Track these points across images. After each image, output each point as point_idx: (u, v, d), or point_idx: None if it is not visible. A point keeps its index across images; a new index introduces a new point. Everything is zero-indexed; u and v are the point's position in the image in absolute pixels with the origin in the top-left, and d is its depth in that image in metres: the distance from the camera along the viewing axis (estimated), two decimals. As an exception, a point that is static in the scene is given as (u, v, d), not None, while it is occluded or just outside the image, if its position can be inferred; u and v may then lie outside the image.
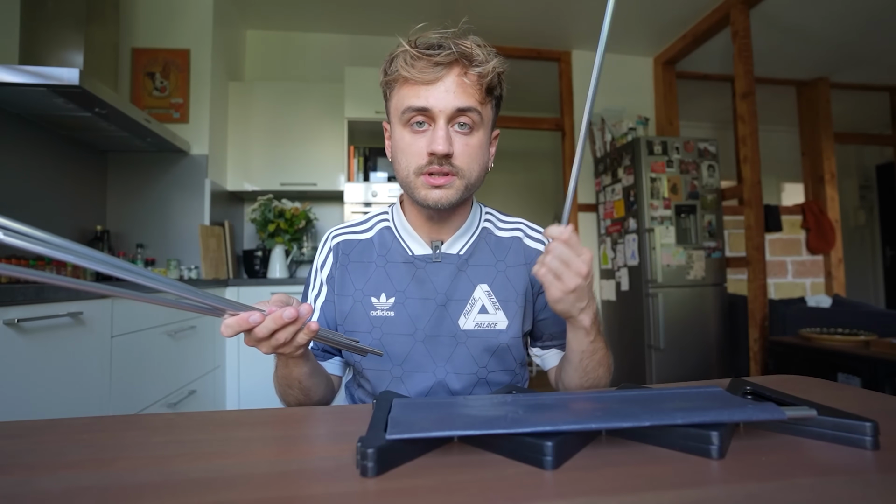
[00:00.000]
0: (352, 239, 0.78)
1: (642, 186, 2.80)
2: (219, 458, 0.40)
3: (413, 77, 0.64)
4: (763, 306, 2.61)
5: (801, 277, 3.67)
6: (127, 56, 2.44)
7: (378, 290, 0.74)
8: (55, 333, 1.22)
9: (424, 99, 0.64)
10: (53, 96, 1.66)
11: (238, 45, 3.03)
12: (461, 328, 0.72)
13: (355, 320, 0.73)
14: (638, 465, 0.36)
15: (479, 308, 0.73)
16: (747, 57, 2.67)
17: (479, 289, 0.74)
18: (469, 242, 0.76)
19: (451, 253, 0.74)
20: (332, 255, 0.78)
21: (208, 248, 2.47)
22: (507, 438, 0.37)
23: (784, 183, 5.09)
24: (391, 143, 0.72)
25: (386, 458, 0.35)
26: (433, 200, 0.67)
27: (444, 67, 0.63)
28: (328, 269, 0.78)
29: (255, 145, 2.79)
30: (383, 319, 0.72)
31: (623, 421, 0.38)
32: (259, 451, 0.41)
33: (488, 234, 0.78)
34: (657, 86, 3.60)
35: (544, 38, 3.36)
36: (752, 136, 2.64)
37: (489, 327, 0.73)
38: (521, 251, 0.77)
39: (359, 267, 0.76)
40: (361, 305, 0.73)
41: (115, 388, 1.46)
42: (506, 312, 0.74)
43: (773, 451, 0.38)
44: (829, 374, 1.93)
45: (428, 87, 0.64)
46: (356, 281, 0.75)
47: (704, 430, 0.37)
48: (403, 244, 0.76)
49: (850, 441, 0.38)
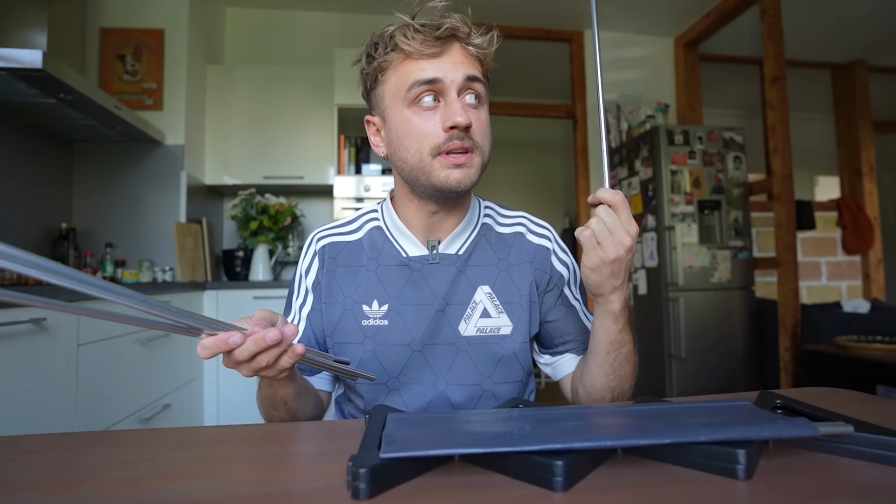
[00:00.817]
0: (339, 241, 0.78)
1: (662, 180, 2.80)
2: (196, 479, 0.40)
3: (417, 50, 0.65)
4: (794, 312, 2.61)
5: (837, 280, 3.67)
6: (95, 37, 2.44)
7: (370, 296, 0.73)
8: (16, 341, 1.22)
9: (433, 71, 0.65)
10: (14, 80, 1.66)
11: (217, 25, 3.04)
12: (461, 334, 0.72)
13: (346, 330, 0.73)
14: (657, 487, 0.36)
15: (481, 312, 0.73)
16: (777, 37, 2.67)
17: (479, 291, 0.74)
18: (468, 241, 0.76)
19: (449, 253, 0.74)
20: (317, 260, 0.78)
21: (184, 247, 2.47)
22: (514, 457, 0.37)
23: (818, 176, 5.09)
24: (388, 133, 0.71)
25: (380, 478, 0.35)
26: (455, 181, 0.66)
27: (444, 41, 0.66)
28: (314, 275, 0.77)
29: (235, 135, 2.80)
30: (376, 329, 0.72)
31: (640, 438, 0.38)
32: (240, 470, 0.41)
33: (489, 230, 0.78)
34: (678, 69, 3.60)
35: (554, 16, 3.36)
36: (783, 124, 2.64)
37: (492, 332, 0.73)
38: (525, 248, 0.78)
39: (347, 272, 0.75)
40: (352, 314, 0.73)
41: (81, 401, 1.46)
42: (510, 316, 0.74)
43: (806, 472, 0.38)
44: (868, 387, 1.93)
45: (432, 59, 0.66)
46: (345, 287, 0.75)
47: (730, 448, 0.36)
48: (396, 245, 0.75)
49: (890, 460, 0.38)
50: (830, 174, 4.58)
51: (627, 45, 3.59)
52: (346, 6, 3.19)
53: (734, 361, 2.77)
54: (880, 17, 3.28)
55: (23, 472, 0.41)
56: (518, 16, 3.33)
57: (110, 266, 2.30)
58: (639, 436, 0.38)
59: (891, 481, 0.36)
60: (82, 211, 2.41)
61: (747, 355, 2.80)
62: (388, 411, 0.48)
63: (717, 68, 3.87)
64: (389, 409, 0.49)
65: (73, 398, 1.43)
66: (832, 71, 3.94)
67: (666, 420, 0.42)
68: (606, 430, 0.40)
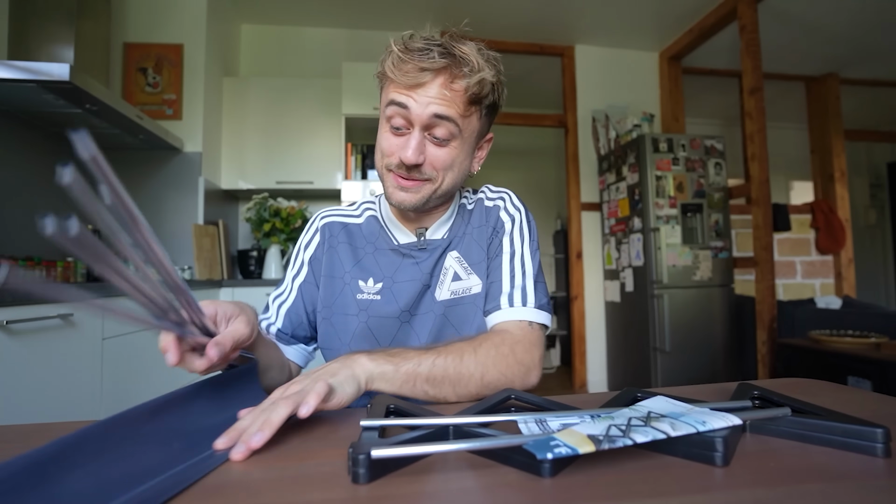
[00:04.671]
0: (342, 221, 0.81)
1: (647, 185, 2.80)
2: (211, 464, 0.40)
3: (397, 80, 0.64)
4: (771, 308, 2.60)
5: (811, 278, 3.67)
6: (119, 51, 2.44)
7: (366, 274, 0.76)
8: (45, 336, 1.22)
9: (405, 98, 0.64)
10: (43, 92, 1.66)
11: (233, 40, 3.03)
12: (437, 300, 0.74)
13: (344, 303, 0.75)
14: (640, 472, 0.36)
15: (452, 276, 0.75)
16: (755, 52, 2.67)
17: (448, 257, 0.76)
18: (451, 226, 0.78)
19: (435, 238, 0.77)
20: (318, 236, 0.80)
21: (202, 248, 2.47)
22: (528, 455, 0.37)
23: (793, 181, 5.09)
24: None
25: (378, 464, 0.35)
26: (397, 200, 0.69)
27: (430, 73, 0.63)
28: (312, 250, 0.79)
29: (250, 143, 2.80)
30: (369, 302, 0.74)
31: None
32: (253, 456, 0.41)
33: (462, 209, 0.80)
34: (662, 81, 3.60)
35: (547, 32, 3.36)
36: (760, 133, 2.64)
37: (464, 293, 0.74)
38: (483, 213, 0.79)
39: (348, 249, 0.78)
40: (350, 288, 0.75)
41: (106, 391, 1.46)
42: (478, 275, 0.75)
43: (781, 458, 0.38)
44: (839, 378, 1.93)
45: (410, 90, 0.64)
46: (345, 262, 0.77)
47: (708, 436, 0.36)
48: (389, 233, 0.78)
49: (859, 448, 0.38)
50: (805, 179, 4.57)
51: (615, 59, 3.59)
52: (353, 23, 3.19)
53: (715, 354, 2.77)
54: (851, 34, 3.28)
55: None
56: (513, 32, 3.32)
57: (133, 265, 2.30)
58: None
59: (860, 467, 0.36)
60: (107, 214, 2.41)
61: (727, 348, 2.80)
62: (389, 401, 0.49)
63: (699, 80, 3.87)
64: (390, 399, 0.49)
65: (98, 389, 1.43)
66: (806, 83, 3.94)
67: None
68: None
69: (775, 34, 3.15)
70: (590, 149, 3.51)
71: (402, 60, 0.63)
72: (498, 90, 0.69)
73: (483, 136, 0.74)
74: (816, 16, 3.06)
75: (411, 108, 0.64)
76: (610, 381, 3.38)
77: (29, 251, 1.86)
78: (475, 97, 0.65)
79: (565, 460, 0.36)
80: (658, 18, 3.19)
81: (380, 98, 0.72)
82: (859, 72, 3.83)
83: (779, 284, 3.53)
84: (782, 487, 0.33)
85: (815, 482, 0.33)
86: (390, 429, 0.45)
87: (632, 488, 0.33)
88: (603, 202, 3.39)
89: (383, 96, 0.69)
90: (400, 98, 0.64)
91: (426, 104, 0.64)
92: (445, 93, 0.64)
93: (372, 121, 2.82)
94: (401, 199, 0.69)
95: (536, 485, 0.34)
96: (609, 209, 3.29)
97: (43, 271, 1.79)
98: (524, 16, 3.12)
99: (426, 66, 0.62)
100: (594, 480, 0.34)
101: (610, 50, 3.58)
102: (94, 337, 1.41)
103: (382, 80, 0.68)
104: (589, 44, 3.54)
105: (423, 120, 0.64)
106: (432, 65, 0.62)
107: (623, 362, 3.19)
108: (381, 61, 0.67)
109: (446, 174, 0.68)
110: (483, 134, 0.73)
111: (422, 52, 0.62)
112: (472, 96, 0.65)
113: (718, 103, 4.35)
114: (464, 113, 0.65)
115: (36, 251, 1.89)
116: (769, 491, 0.32)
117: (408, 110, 0.64)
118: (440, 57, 0.62)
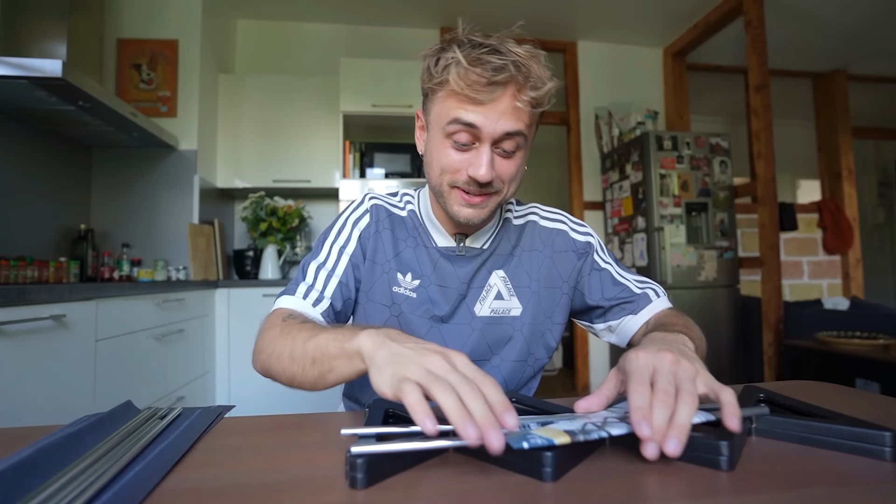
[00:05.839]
0: (387, 208, 0.78)
1: (651, 183, 2.80)
2: (209, 468, 0.40)
3: (464, 92, 0.60)
4: (777, 308, 2.60)
5: (818, 278, 3.67)
6: (112, 47, 2.44)
7: (405, 267, 0.75)
8: (37, 337, 1.22)
9: (474, 115, 0.61)
10: (35, 89, 1.66)
11: (228, 36, 3.03)
12: (476, 315, 0.74)
13: (382, 291, 0.74)
14: (644, 475, 0.36)
15: (495, 294, 0.75)
16: (761, 48, 2.67)
17: (494, 275, 0.76)
18: (493, 236, 0.77)
19: (475, 246, 0.76)
20: (369, 216, 0.77)
21: (197, 247, 2.47)
22: (505, 449, 0.37)
23: (799, 180, 5.09)
24: (426, 140, 0.70)
25: (376, 468, 0.35)
26: (465, 217, 0.67)
27: (500, 87, 0.60)
28: (362, 227, 0.76)
29: (246, 140, 2.80)
30: (404, 297, 0.74)
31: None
32: (251, 460, 0.41)
33: (508, 223, 0.80)
34: (667, 78, 3.60)
35: (549, 27, 3.36)
36: (766, 130, 2.64)
37: (503, 313, 0.75)
38: (536, 234, 0.79)
39: (391, 237, 0.76)
40: (388, 277, 0.74)
41: (99, 393, 1.46)
42: (520, 298, 0.76)
43: (787, 461, 0.38)
44: (847, 380, 1.93)
45: (478, 106, 0.61)
46: (388, 251, 0.75)
47: (713, 440, 0.37)
48: (429, 233, 0.77)
49: (867, 451, 0.38)
50: (811, 178, 4.57)
51: (618, 55, 3.59)
52: (352, 18, 3.19)
53: (720, 356, 2.77)
54: (859, 29, 3.28)
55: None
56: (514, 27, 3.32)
57: (127, 265, 2.30)
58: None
59: (868, 471, 0.36)
60: (100, 213, 2.41)
61: (732, 350, 2.79)
62: (387, 405, 0.48)
63: (703, 77, 3.87)
64: (388, 404, 0.48)
65: (91, 391, 1.43)
66: (813, 80, 3.94)
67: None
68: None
69: (782, 29, 3.15)
70: (592, 147, 3.51)
71: (468, 71, 0.59)
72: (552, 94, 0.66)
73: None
74: (823, 10, 3.06)
75: (482, 127, 0.61)
76: (613, 383, 3.37)
77: (21, 251, 1.86)
78: (539, 107, 0.63)
79: (567, 464, 0.36)
80: (662, 14, 3.19)
81: (426, 104, 0.69)
82: (867, 68, 3.82)
83: (785, 285, 3.53)
84: (788, 492, 0.33)
85: (821, 486, 0.33)
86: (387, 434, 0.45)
87: (636, 492, 0.33)
88: (606, 201, 3.39)
89: (439, 108, 0.64)
90: (468, 117, 0.61)
91: (496, 120, 0.61)
92: (517, 105, 0.61)
93: (370, 118, 2.82)
94: (469, 215, 0.67)
95: (538, 489, 0.34)
96: (612, 208, 3.29)
97: (35, 271, 1.79)
98: (525, 10, 3.11)
99: (497, 80, 0.59)
100: (597, 485, 0.34)
101: (613, 46, 3.58)
102: (88, 338, 1.41)
103: (438, 88, 0.64)
104: (592, 39, 3.53)
105: (495, 136, 0.62)
106: (503, 78, 0.59)
107: (626, 364, 3.18)
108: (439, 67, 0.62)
109: (511, 184, 0.68)
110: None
111: (490, 64, 0.59)
112: (537, 106, 0.63)
113: (724, 100, 4.34)
114: (529, 123, 0.64)
115: (28, 251, 1.89)
116: (775, 495, 0.32)
117: (477, 129, 0.61)
118: (510, 69, 0.59)
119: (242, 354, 2.36)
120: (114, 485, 0.35)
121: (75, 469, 0.36)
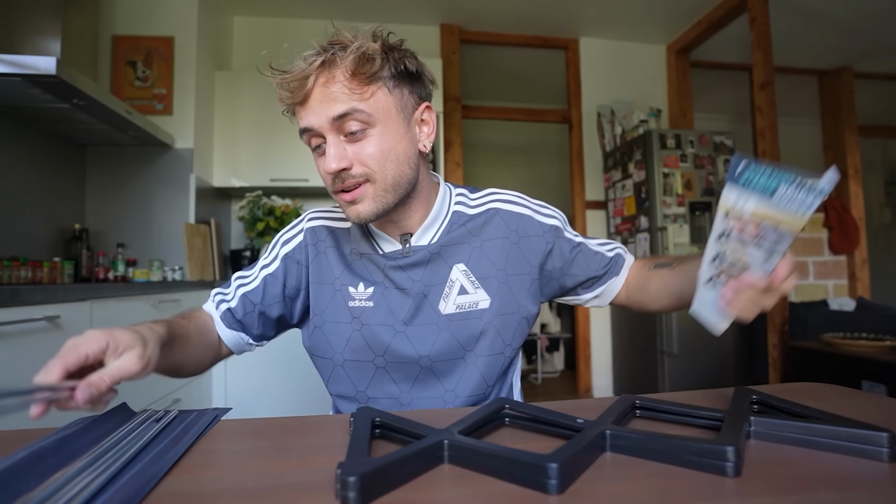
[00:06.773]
0: (330, 226, 0.79)
1: (654, 182, 2.80)
2: (205, 471, 0.40)
3: (290, 101, 0.63)
4: (783, 310, 2.60)
5: (823, 279, 3.67)
6: (107, 44, 2.44)
7: (356, 280, 0.75)
8: (31, 338, 1.22)
9: (305, 119, 0.63)
10: (29, 86, 1.66)
11: (225, 33, 3.03)
12: (442, 313, 0.73)
13: (336, 310, 0.74)
14: (649, 481, 0.36)
15: (458, 289, 0.74)
16: (766, 45, 2.67)
17: (455, 269, 0.74)
18: (440, 230, 0.75)
19: (421, 245, 0.74)
20: (301, 237, 0.78)
21: (193, 247, 2.47)
22: (505, 460, 0.36)
23: (805, 179, 5.08)
24: None
25: (369, 485, 0.33)
26: (353, 216, 0.67)
27: (311, 78, 0.61)
28: (290, 248, 0.78)
29: (243, 139, 2.79)
30: (362, 309, 0.73)
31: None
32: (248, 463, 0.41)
33: (460, 216, 0.77)
34: (670, 75, 3.60)
35: (550, 24, 3.36)
36: (771, 128, 2.64)
37: (471, 308, 0.74)
38: (499, 220, 0.77)
39: (336, 254, 0.76)
40: (340, 295, 0.75)
41: (94, 396, 1.45)
42: (486, 289, 0.74)
43: (790, 465, 0.38)
44: (854, 382, 1.93)
45: (303, 107, 0.63)
46: (335, 268, 0.76)
47: (719, 445, 0.37)
48: (373, 240, 0.76)
49: (865, 453, 0.38)
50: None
51: (621, 52, 3.59)
52: (348, 15, 3.19)
53: (724, 357, 2.77)
54: (865, 25, 3.28)
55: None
56: (515, 25, 3.32)
57: (122, 265, 2.29)
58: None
59: (868, 473, 0.36)
60: (95, 212, 2.41)
61: (737, 352, 2.80)
62: (374, 414, 0.47)
63: (707, 74, 3.87)
64: (374, 412, 0.47)
65: (86, 393, 1.43)
66: (819, 77, 3.94)
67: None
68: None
69: (787, 26, 3.15)
70: (595, 145, 3.51)
71: (284, 80, 0.62)
72: (393, 56, 0.65)
73: (414, 109, 0.69)
74: (829, 7, 3.06)
75: (313, 124, 0.63)
76: (616, 385, 3.38)
77: (14, 251, 1.86)
78: (365, 74, 0.61)
79: (571, 475, 0.35)
80: (665, 10, 3.19)
81: None
82: (874, 65, 3.83)
83: (790, 285, 3.53)
84: (795, 496, 0.33)
85: (827, 490, 0.33)
86: (379, 444, 0.44)
87: (643, 499, 0.33)
88: (608, 200, 3.39)
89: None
90: (302, 122, 0.64)
91: (318, 111, 0.62)
92: (332, 87, 0.61)
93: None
94: (356, 213, 0.66)
95: (541, 502, 0.33)
96: (615, 207, 3.29)
97: (29, 272, 1.79)
98: (526, 7, 3.12)
99: (305, 75, 0.61)
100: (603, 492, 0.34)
101: (616, 43, 3.58)
102: (82, 340, 1.41)
103: (291, 111, 0.67)
104: (594, 36, 3.54)
105: (328, 127, 0.62)
106: (309, 70, 0.61)
107: (629, 366, 3.19)
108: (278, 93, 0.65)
109: (384, 166, 0.64)
110: (411, 106, 0.68)
111: (297, 66, 0.62)
112: (359, 75, 0.61)
113: (728, 98, 4.35)
114: (363, 95, 0.62)
115: (21, 251, 1.89)
116: (782, 499, 0.32)
117: (313, 128, 0.63)
118: (312, 58, 0.61)
119: (239, 357, 2.36)
120: (109, 488, 0.35)
121: (70, 472, 0.36)
